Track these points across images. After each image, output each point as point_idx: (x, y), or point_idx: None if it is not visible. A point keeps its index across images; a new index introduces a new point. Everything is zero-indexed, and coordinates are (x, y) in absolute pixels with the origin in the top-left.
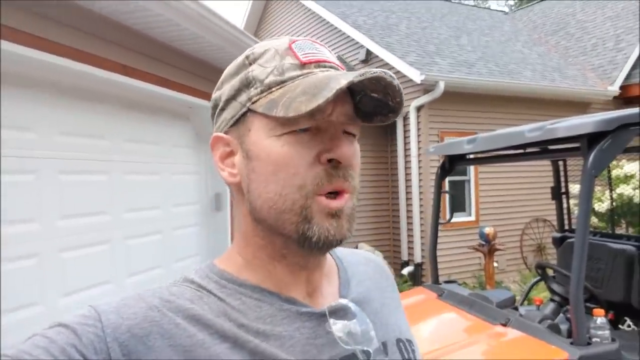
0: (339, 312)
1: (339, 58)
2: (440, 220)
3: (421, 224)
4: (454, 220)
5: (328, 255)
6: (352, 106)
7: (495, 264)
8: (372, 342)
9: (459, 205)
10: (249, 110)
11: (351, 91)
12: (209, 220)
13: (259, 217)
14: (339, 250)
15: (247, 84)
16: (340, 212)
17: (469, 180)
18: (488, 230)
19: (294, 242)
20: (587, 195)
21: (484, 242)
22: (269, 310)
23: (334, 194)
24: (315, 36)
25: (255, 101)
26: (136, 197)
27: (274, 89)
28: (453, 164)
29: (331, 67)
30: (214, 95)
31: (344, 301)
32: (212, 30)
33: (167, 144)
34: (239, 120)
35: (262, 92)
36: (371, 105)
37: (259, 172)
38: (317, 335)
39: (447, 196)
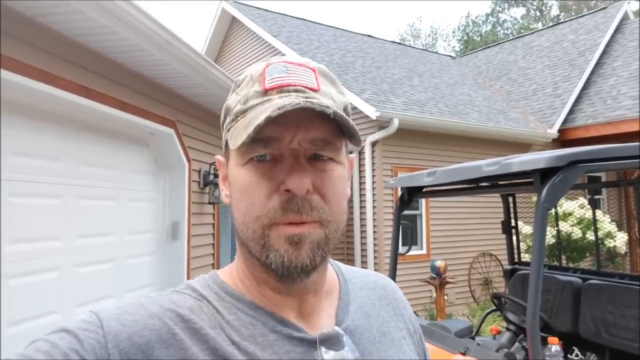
0: (331, 340)
1: (321, 71)
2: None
3: (375, 257)
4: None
5: (331, 275)
6: (327, 128)
7: (445, 297)
8: None
9: (411, 238)
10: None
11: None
12: (164, 249)
13: (240, 240)
14: (348, 270)
15: (226, 112)
16: (300, 239)
17: (420, 214)
18: (439, 263)
19: (266, 267)
20: (541, 228)
21: (435, 275)
22: (261, 330)
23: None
24: None
25: (228, 129)
26: (90, 223)
27: (239, 117)
28: (412, 196)
29: (295, 90)
30: None
31: (337, 328)
32: (178, 57)
33: (124, 169)
34: (226, 145)
35: (232, 120)
36: (345, 126)
37: (233, 197)
38: None
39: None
